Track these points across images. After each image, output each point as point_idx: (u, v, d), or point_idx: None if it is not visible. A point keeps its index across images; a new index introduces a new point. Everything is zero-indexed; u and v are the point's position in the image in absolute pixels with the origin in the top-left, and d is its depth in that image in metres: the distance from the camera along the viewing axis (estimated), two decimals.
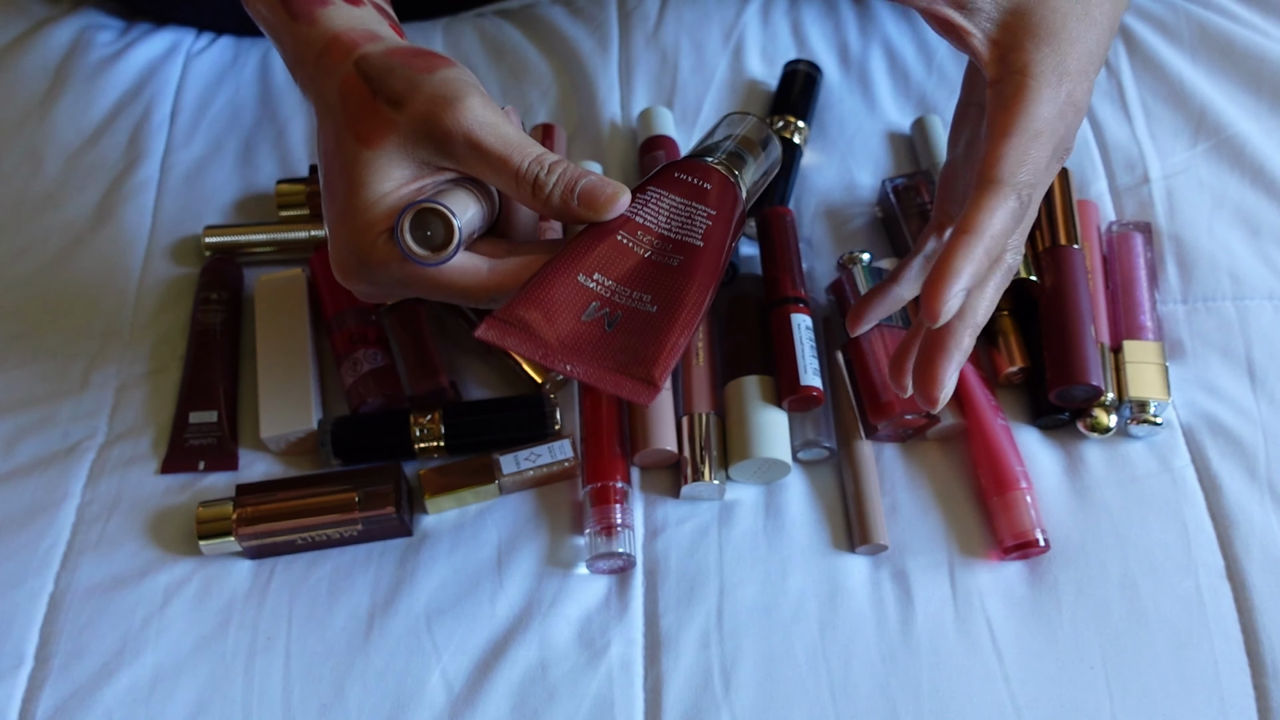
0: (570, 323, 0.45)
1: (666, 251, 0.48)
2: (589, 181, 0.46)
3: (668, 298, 0.46)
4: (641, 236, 0.48)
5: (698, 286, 0.47)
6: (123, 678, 0.54)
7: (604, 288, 0.46)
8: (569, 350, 0.45)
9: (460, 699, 0.53)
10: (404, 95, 0.46)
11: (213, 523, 0.57)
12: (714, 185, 0.50)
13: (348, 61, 0.48)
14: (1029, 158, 0.45)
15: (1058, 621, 0.54)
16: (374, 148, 0.46)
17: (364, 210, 0.46)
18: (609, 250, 0.47)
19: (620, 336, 0.45)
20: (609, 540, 0.56)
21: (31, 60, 0.80)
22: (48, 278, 0.69)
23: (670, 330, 0.45)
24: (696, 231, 0.48)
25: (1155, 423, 0.58)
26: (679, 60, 0.78)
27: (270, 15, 0.52)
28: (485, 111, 0.46)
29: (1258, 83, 0.72)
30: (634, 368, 0.45)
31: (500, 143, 0.46)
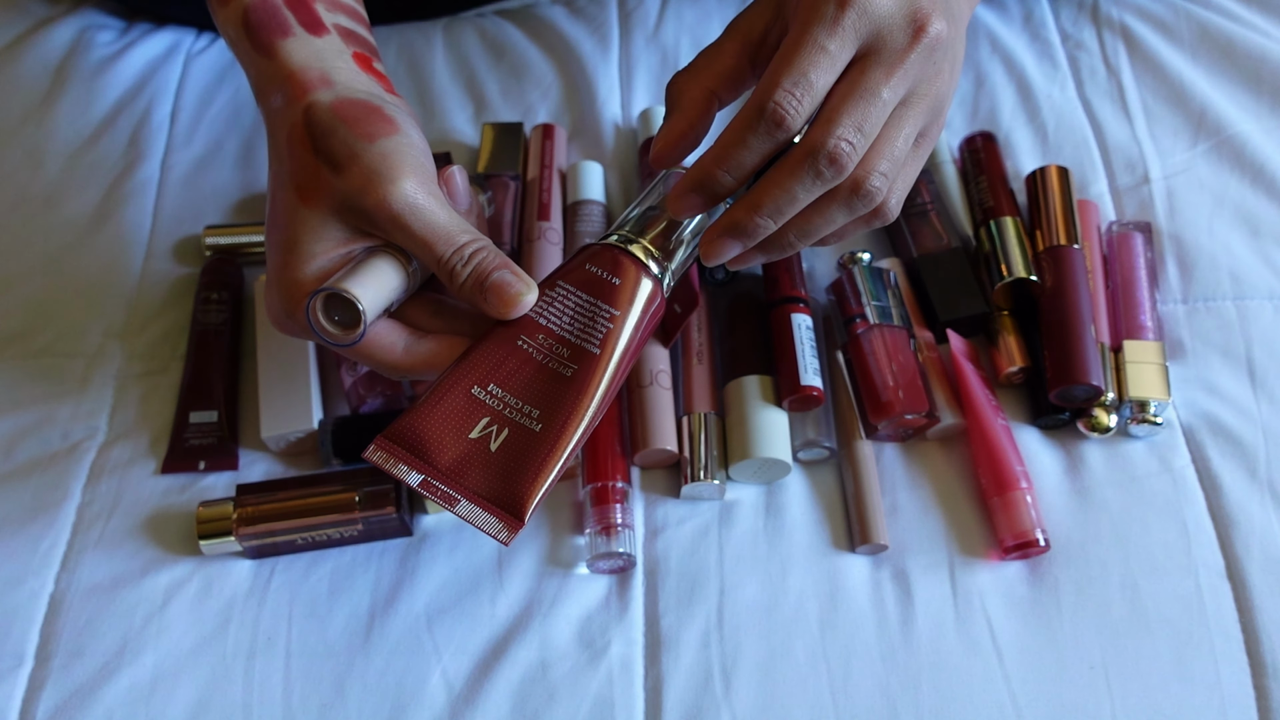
0: (457, 443, 0.45)
1: (563, 358, 0.47)
2: (499, 277, 0.46)
3: (553, 415, 0.46)
4: (542, 340, 0.47)
5: (585, 402, 0.46)
6: (123, 678, 0.54)
7: (496, 399, 0.46)
8: (450, 475, 0.45)
9: (460, 699, 0.53)
10: (343, 163, 0.47)
11: (213, 522, 0.57)
12: (625, 280, 0.48)
13: (299, 107, 0.48)
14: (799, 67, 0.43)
15: (1058, 621, 0.54)
16: (309, 207, 0.47)
17: (294, 268, 0.47)
18: (506, 357, 0.47)
19: (501, 457, 0.45)
20: (609, 540, 0.56)
21: (31, 60, 0.80)
22: (48, 278, 0.69)
23: (547, 457, 0.45)
24: (596, 336, 0.47)
25: (1155, 423, 0.58)
26: (679, 60, 0.78)
27: (235, 40, 0.53)
28: (416, 194, 0.46)
29: (1258, 83, 0.72)
30: (505, 496, 0.45)
31: (425, 229, 0.46)
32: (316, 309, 0.46)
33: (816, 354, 0.60)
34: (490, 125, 0.73)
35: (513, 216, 0.68)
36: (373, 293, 0.46)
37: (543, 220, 0.68)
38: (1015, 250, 0.62)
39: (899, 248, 0.66)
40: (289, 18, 0.51)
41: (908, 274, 0.65)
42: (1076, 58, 0.76)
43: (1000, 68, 0.76)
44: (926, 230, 0.65)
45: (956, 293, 0.62)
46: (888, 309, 0.60)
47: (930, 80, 0.46)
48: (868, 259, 0.63)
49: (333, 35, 0.52)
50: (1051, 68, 0.75)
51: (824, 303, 0.64)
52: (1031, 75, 0.75)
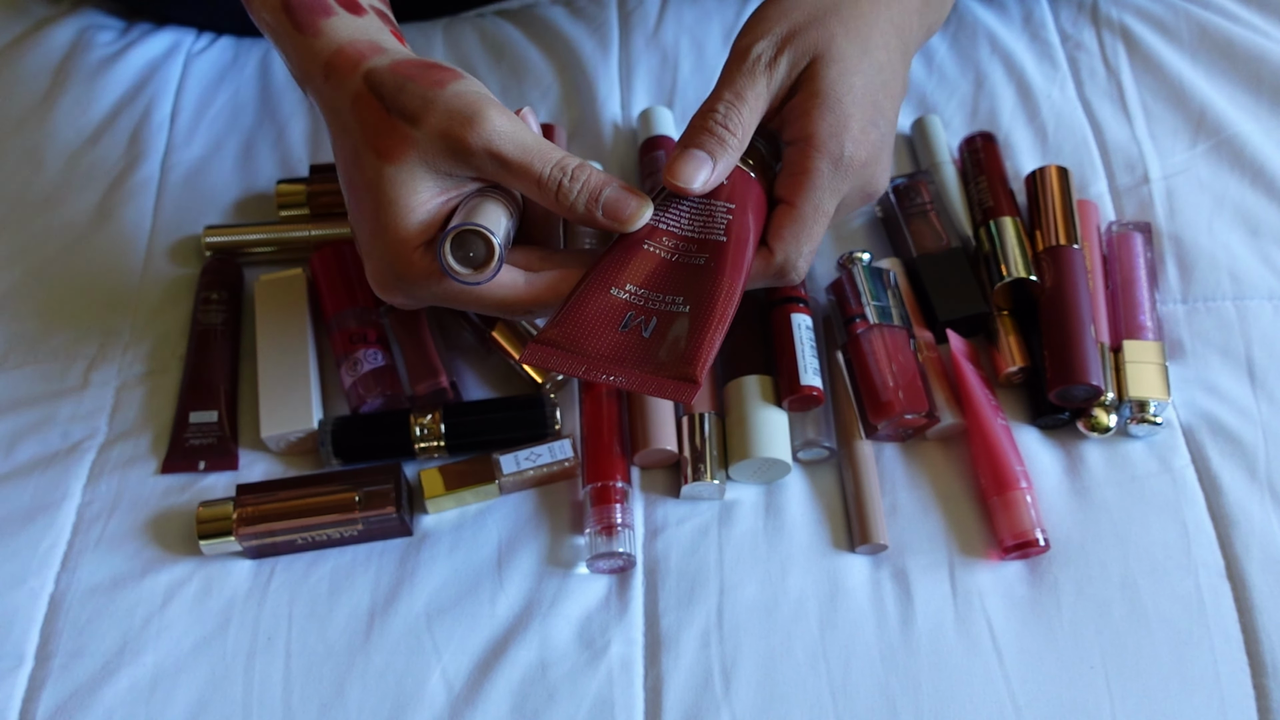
0: (608, 335, 0.47)
1: (691, 252, 0.49)
2: (613, 193, 0.48)
3: (698, 297, 0.48)
4: (666, 241, 0.50)
5: (726, 281, 0.48)
6: (123, 677, 0.54)
7: (636, 296, 0.48)
8: (610, 362, 0.47)
9: (460, 699, 0.53)
10: (419, 112, 0.47)
11: (213, 522, 0.57)
12: (731, 179, 0.51)
13: (356, 76, 0.49)
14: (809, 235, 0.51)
15: (1058, 621, 0.54)
16: (396, 163, 0.47)
17: (396, 227, 0.48)
18: (638, 260, 0.49)
19: (657, 341, 0.47)
20: (609, 540, 0.56)
21: (32, 60, 0.80)
22: (48, 278, 0.69)
23: (704, 328, 0.47)
24: (719, 228, 0.50)
25: (1155, 422, 0.58)
26: (679, 60, 0.78)
27: (275, 24, 0.52)
28: (503, 122, 0.47)
29: (1258, 83, 0.72)
30: (674, 369, 0.46)
31: (521, 151, 0.47)
32: (447, 251, 0.46)
33: (816, 354, 0.60)
34: None
35: None
36: (499, 227, 0.47)
37: None
38: (1015, 250, 0.62)
39: (899, 248, 0.66)
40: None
41: (908, 274, 0.65)
42: (1076, 58, 0.76)
43: (1000, 68, 0.76)
44: (926, 230, 0.65)
45: (956, 293, 0.62)
46: (888, 309, 0.60)
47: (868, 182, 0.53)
48: (868, 259, 0.63)
49: (371, 15, 0.53)
50: (1051, 68, 0.75)
51: (824, 303, 0.64)
52: (1031, 75, 0.75)
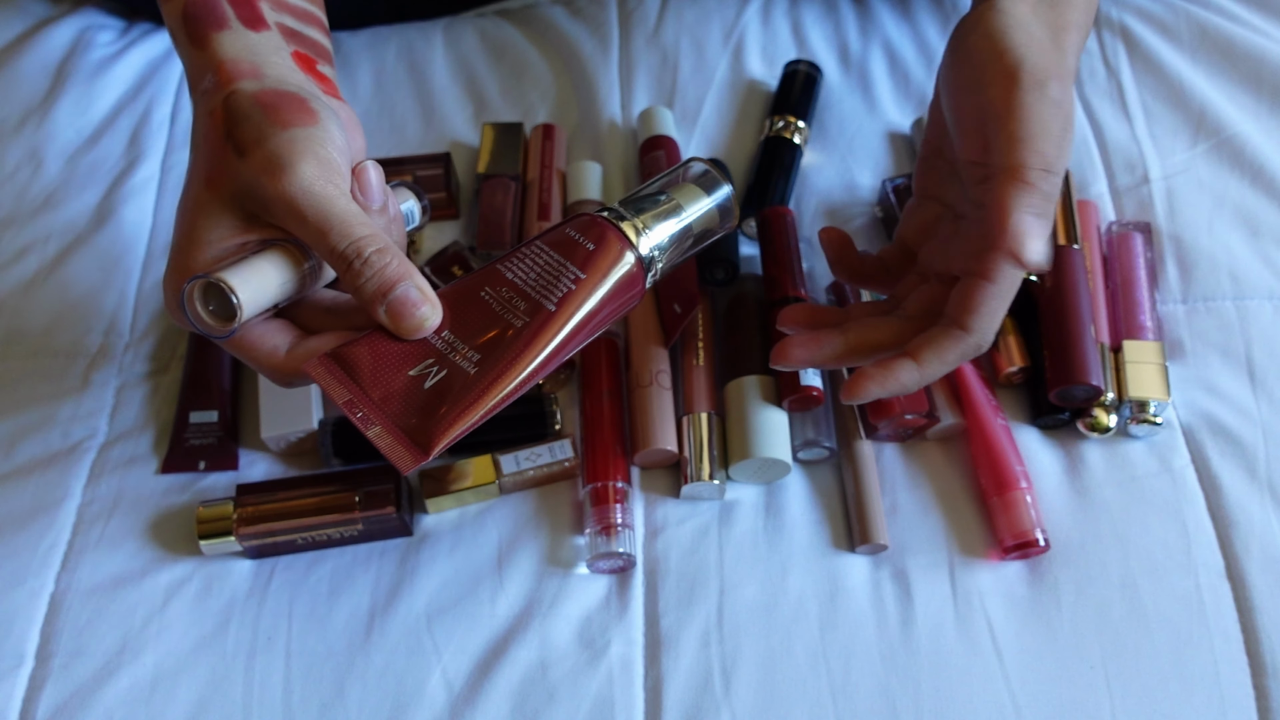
0: (394, 376, 0.45)
1: (518, 310, 0.46)
2: (402, 291, 0.45)
3: (492, 362, 0.45)
4: (504, 292, 0.47)
5: (527, 353, 0.45)
6: (123, 677, 0.54)
7: (445, 343, 0.46)
8: (374, 404, 0.44)
9: (460, 699, 0.53)
10: (248, 147, 0.45)
11: (213, 522, 0.57)
12: (600, 247, 0.47)
13: (220, 96, 0.47)
14: (1003, 305, 0.48)
15: (1058, 621, 0.54)
16: (212, 191, 0.46)
17: (187, 255, 0.46)
18: (466, 305, 0.47)
19: (430, 396, 0.45)
20: (609, 540, 0.56)
21: (32, 60, 0.80)
22: (48, 278, 0.69)
23: (470, 401, 0.44)
24: (555, 294, 0.46)
25: (1155, 423, 0.58)
26: (679, 60, 0.78)
27: (175, 31, 0.51)
28: (315, 181, 0.45)
29: (1258, 83, 0.72)
30: (418, 429, 0.44)
31: (319, 216, 0.44)
32: (194, 297, 0.44)
33: None
34: (490, 125, 0.73)
35: (513, 217, 0.68)
36: (254, 286, 0.44)
37: (543, 220, 0.68)
38: None
39: None
40: (227, 12, 0.50)
41: None
42: None
43: None
44: None
45: None
46: None
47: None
48: None
49: (273, 32, 0.51)
50: None
51: (824, 303, 0.64)
52: None
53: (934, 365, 0.48)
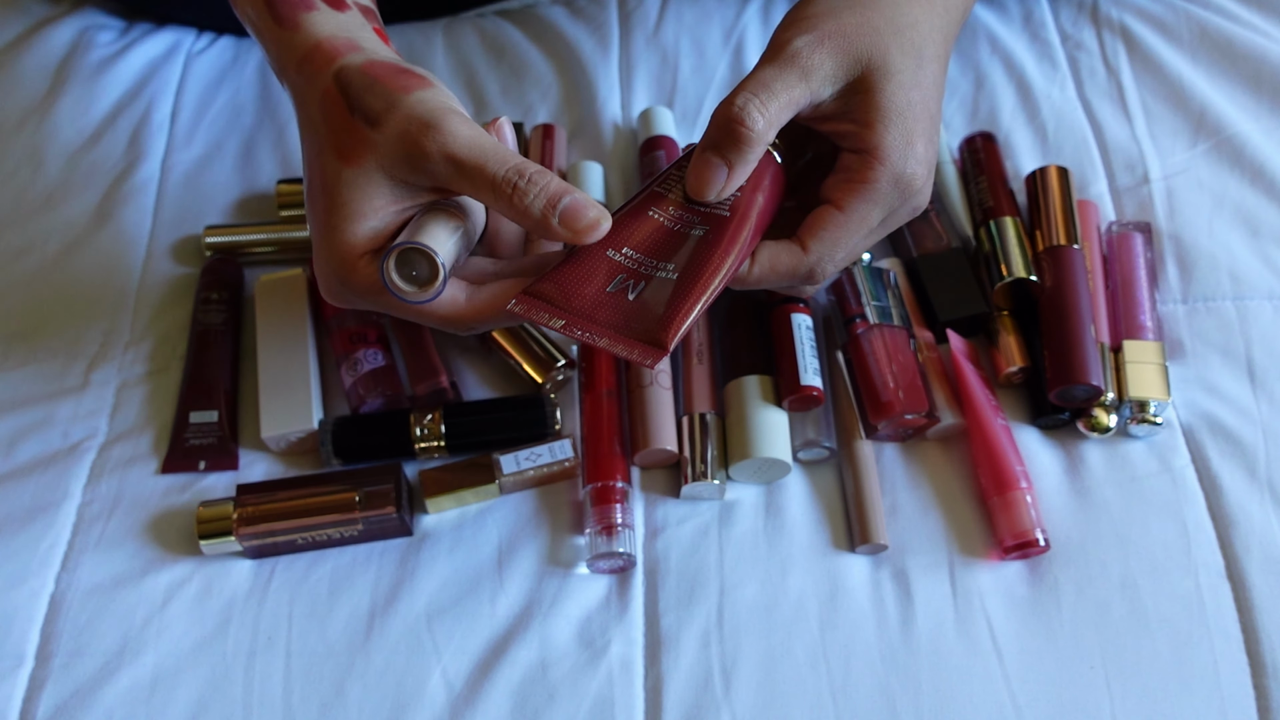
0: (595, 294, 0.47)
1: (693, 223, 0.49)
2: (572, 200, 0.46)
3: (688, 266, 0.48)
4: (671, 210, 0.50)
5: (719, 255, 0.48)
6: (123, 677, 0.54)
7: (631, 260, 0.48)
8: (589, 319, 0.47)
9: (460, 699, 0.53)
10: (381, 115, 0.46)
11: (213, 522, 0.57)
12: None
13: (328, 72, 0.48)
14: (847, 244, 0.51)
15: (1058, 621, 0.54)
16: (353, 166, 0.46)
17: (345, 231, 0.47)
18: (639, 225, 0.49)
19: (639, 305, 0.47)
20: (609, 540, 0.56)
21: (32, 60, 0.80)
22: (48, 278, 0.69)
23: (685, 297, 0.47)
24: (725, 202, 0.50)
25: (1155, 423, 0.58)
26: (679, 60, 0.78)
27: (255, 18, 0.52)
28: (463, 129, 0.46)
29: (1258, 83, 0.72)
30: (645, 332, 0.46)
31: (478, 155, 0.45)
32: (390, 267, 0.45)
33: (816, 354, 0.60)
34: None
35: None
36: (446, 245, 0.46)
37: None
38: (1015, 250, 0.62)
39: (899, 248, 0.66)
40: None
41: (908, 274, 0.65)
42: (1076, 58, 0.76)
43: (1000, 68, 0.76)
44: (926, 230, 0.65)
45: (956, 293, 0.63)
46: (888, 309, 0.60)
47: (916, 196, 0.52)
48: (868, 259, 0.63)
49: (354, 11, 0.52)
50: (1051, 68, 0.75)
51: (824, 303, 0.64)
52: (1031, 75, 0.75)
53: (764, 268, 0.51)
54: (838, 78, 0.50)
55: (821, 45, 0.49)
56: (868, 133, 0.50)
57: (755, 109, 0.48)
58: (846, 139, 0.51)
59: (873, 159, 0.50)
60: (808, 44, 0.49)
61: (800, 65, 0.49)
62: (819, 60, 0.49)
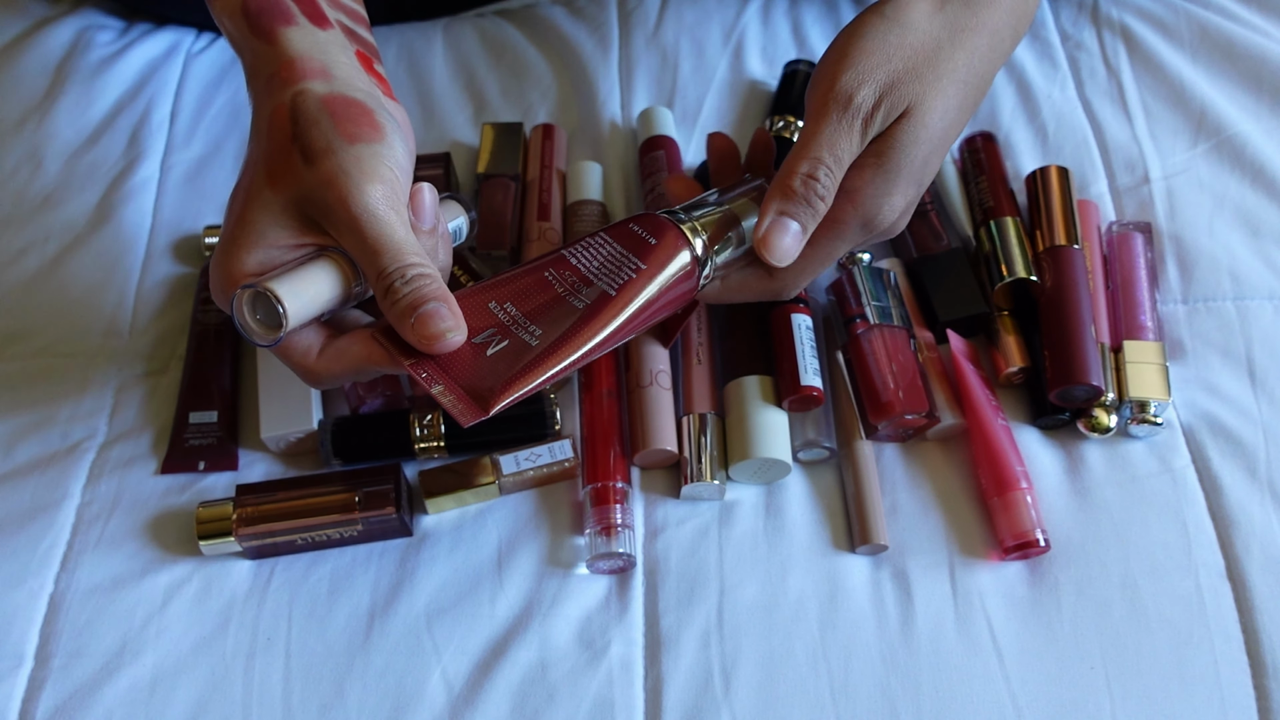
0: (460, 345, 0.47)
1: (580, 293, 0.49)
2: (433, 308, 0.45)
3: (553, 334, 0.48)
4: (567, 276, 0.50)
5: (587, 331, 0.48)
6: (123, 678, 0.54)
7: (508, 316, 0.49)
8: (440, 365, 0.46)
9: (460, 699, 0.53)
10: (317, 155, 0.46)
11: (213, 523, 0.57)
12: (661, 242, 0.51)
13: (288, 92, 0.48)
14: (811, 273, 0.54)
15: (1058, 621, 0.54)
16: (274, 192, 0.46)
17: (240, 250, 0.46)
18: (530, 283, 0.50)
19: (493, 362, 0.47)
20: (609, 540, 0.56)
21: (31, 60, 0.80)
22: (48, 278, 0.69)
23: (535, 366, 0.46)
24: (617, 280, 0.49)
25: (1155, 423, 0.58)
26: (679, 60, 0.78)
27: (233, 29, 0.52)
28: (380, 204, 0.46)
29: (1258, 83, 0.72)
30: (477, 389, 0.46)
31: (377, 238, 0.45)
32: (243, 302, 0.45)
33: (816, 354, 0.60)
34: (490, 125, 0.73)
35: (513, 217, 0.68)
36: (304, 297, 0.45)
37: (542, 220, 0.68)
38: (1015, 250, 0.62)
39: (899, 248, 0.66)
40: (292, 8, 0.51)
41: (908, 274, 0.65)
42: (1076, 58, 0.76)
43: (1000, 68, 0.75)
44: (926, 230, 0.65)
45: (956, 293, 0.62)
46: (888, 309, 0.60)
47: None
48: (868, 259, 0.63)
49: (336, 31, 0.52)
50: (1051, 68, 0.75)
51: (824, 303, 0.64)
52: (1031, 75, 0.75)
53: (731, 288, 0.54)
54: (880, 128, 0.51)
55: (880, 101, 0.50)
56: (854, 174, 0.51)
57: (825, 175, 0.50)
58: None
59: (847, 200, 0.51)
60: (868, 98, 0.50)
61: (860, 123, 0.50)
62: (877, 119, 0.50)
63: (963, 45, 0.52)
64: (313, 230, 0.47)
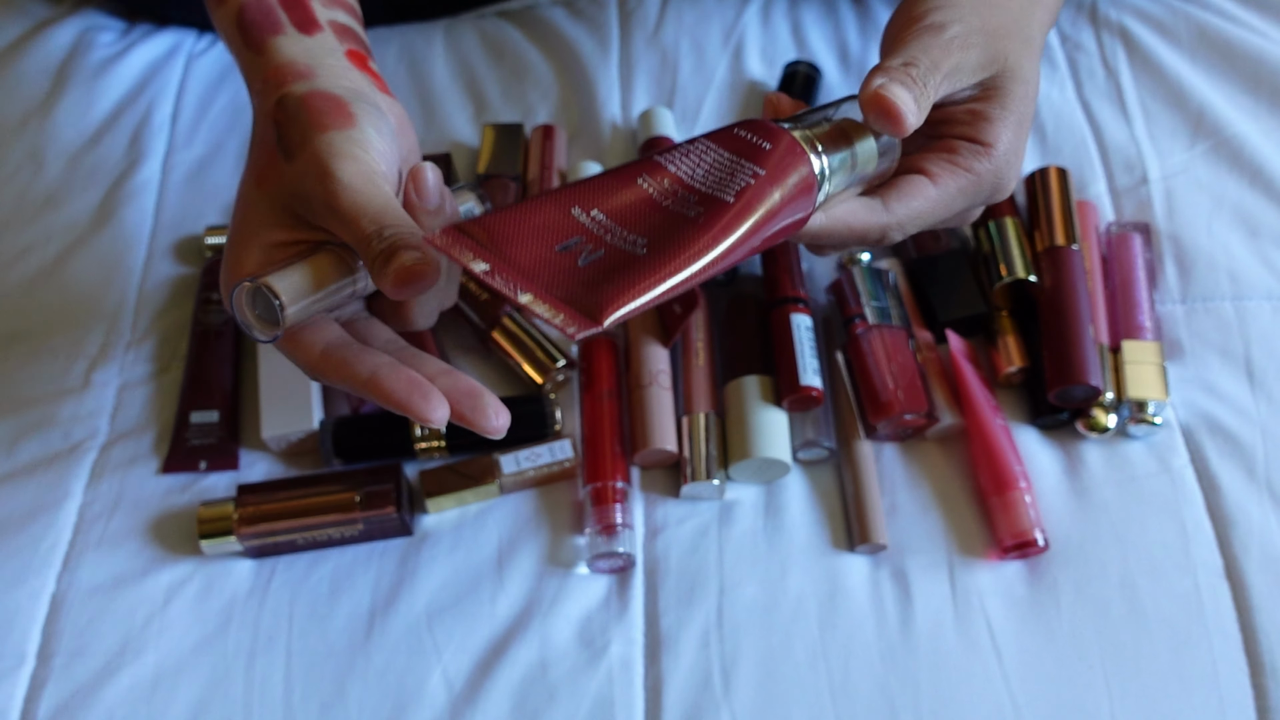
0: (539, 248, 0.40)
1: (689, 203, 0.42)
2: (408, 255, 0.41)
3: (664, 245, 0.40)
4: (666, 184, 0.43)
5: (706, 241, 0.41)
6: (124, 677, 0.54)
7: (595, 223, 0.41)
8: (522, 273, 0.39)
9: (460, 698, 0.53)
10: (293, 150, 0.46)
11: (214, 522, 0.57)
12: (777, 148, 0.44)
13: (273, 98, 0.49)
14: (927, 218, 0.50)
15: (1057, 621, 0.54)
16: (262, 192, 0.47)
17: (241, 252, 0.47)
18: (619, 189, 0.42)
19: (589, 272, 0.40)
20: (609, 540, 0.56)
21: (33, 61, 0.80)
22: (49, 278, 0.69)
23: (647, 276, 0.39)
24: (732, 188, 0.42)
25: (1154, 423, 0.58)
26: (679, 61, 0.78)
27: (229, 40, 0.53)
28: (354, 179, 0.44)
29: (1256, 83, 0.72)
30: (581, 298, 0.39)
31: (354, 207, 0.43)
32: (243, 300, 0.44)
33: (816, 354, 0.60)
34: (490, 126, 0.73)
35: None
36: (301, 291, 0.44)
37: None
38: (1014, 250, 0.62)
39: (899, 248, 0.66)
40: (281, 16, 0.52)
41: (907, 274, 0.65)
42: (1075, 59, 0.76)
43: None
44: (926, 231, 0.65)
45: (956, 293, 0.63)
46: (887, 309, 0.60)
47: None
48: (867, 259, 0.63)
49: (326, 33, 0.52)
50: (1050, 68, 0.75)
51: (824, 303, 0.64)
52: None
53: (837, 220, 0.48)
54: (977, 73, 0.49)
55: (972, 41, 0.49)
56: (990, 127, 0.50)
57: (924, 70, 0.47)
58: (961, 125, 0.51)
59: (985, 153, 0.50)
60: (960, 31, 0.49)
61: (957, 47, 0.48)
62: (971, 56, 0.49)
63: (1035, 16, 0.52)
64: (303, 227, 0.47)
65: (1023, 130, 0.51)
